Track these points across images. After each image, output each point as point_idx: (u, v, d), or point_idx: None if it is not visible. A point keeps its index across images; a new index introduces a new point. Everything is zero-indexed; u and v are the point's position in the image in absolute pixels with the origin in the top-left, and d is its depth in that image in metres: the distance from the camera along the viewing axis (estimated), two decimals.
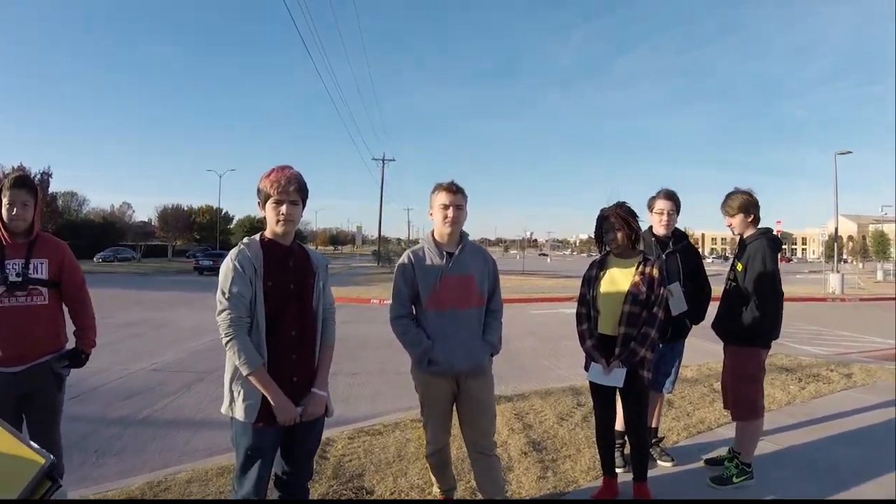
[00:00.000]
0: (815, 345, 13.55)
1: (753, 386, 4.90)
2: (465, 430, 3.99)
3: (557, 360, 11.37)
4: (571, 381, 8.56)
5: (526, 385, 8.66)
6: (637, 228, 4.39)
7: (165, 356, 11.28)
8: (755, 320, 4.71)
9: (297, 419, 3.13)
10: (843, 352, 12.79)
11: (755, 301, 4.70)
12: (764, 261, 4.74)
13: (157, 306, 20.86)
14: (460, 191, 3.94)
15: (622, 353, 4.18)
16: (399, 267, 3.98)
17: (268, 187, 3.17)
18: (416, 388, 4.03)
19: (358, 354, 11.50)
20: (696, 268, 5.32)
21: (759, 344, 4.89)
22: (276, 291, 3.16)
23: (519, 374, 9.89)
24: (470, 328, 3.87)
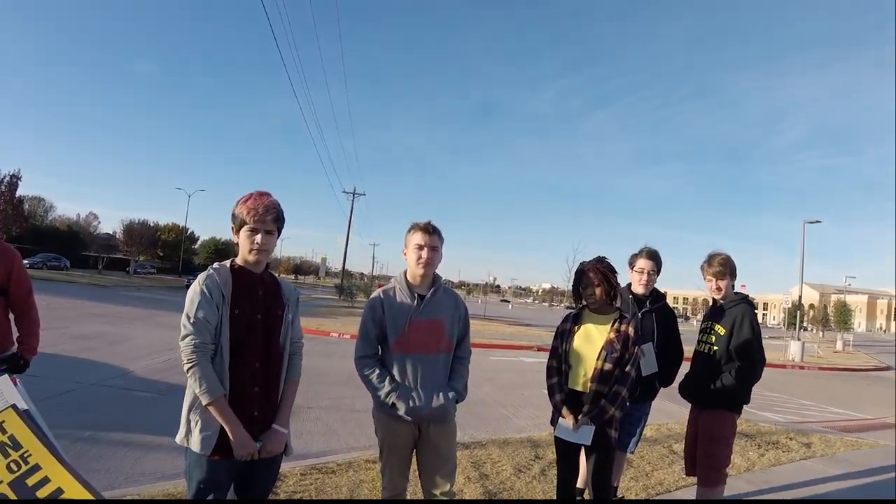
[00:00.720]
0: (775, 412, 13.56)
1: (727, 451, 4.88)
2: (423, 478, 3.87)
3: (516, 409, 11.25)
4: (530, 431, 8.48)
5: (483, 433, 8.56)
6: (616, 285, 4.34)
7: (118, 372, 10.96)
8: (740, 385, 4.70)
9: (254, 455, 2.99)
10: (803, 420, 12.84)
11: (742, 366, 4.69)
12: (752, 326, 4.76)
13: (115, 320, 20.42)
14: (436, 232, 3.87)
15: (592, 410, 4.09)
16: (369, 305, 3.88)
17: (244, 214, 3.06)
18: (377, 430, 3.90)
19: (314, 388, 11.23)
20: (671, 329, 5.27)
21: (737, 409, 4.88)
22: (242, 320, 3.04)
23: (476, 421, 9.75)
24: (436, 374, 3.78)
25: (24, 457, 2.66)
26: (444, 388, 3.79)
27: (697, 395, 4.96)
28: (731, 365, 4.74)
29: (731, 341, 4.76)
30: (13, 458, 2.64)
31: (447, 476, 3.81)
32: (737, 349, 4.72)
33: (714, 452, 4.82)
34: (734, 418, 4.91)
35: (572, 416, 4.12)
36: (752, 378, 4.77)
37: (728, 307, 4.91)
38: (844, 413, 14.85)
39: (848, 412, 15.02)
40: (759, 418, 11.64)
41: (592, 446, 4.12)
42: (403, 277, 3.91)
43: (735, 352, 4.72)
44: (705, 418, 4.90)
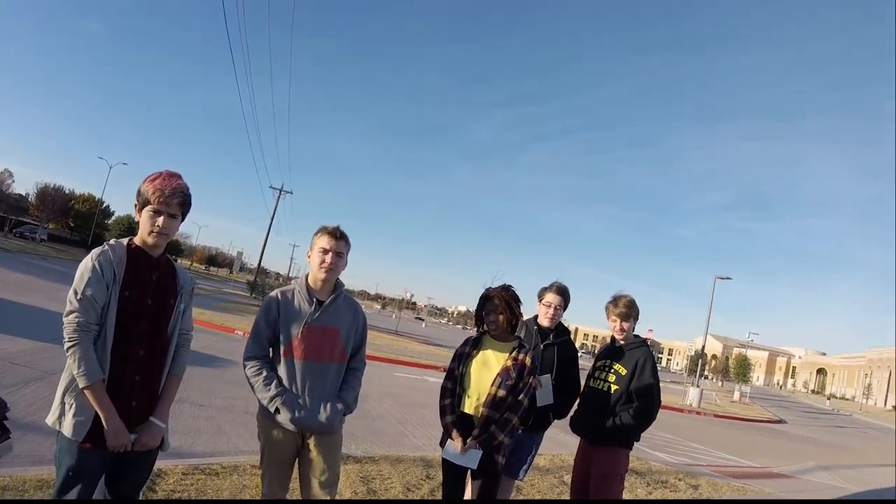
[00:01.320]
0: (667, 452, 13.86)
1: (619, 487, 4.94)
2: (303, 488, 3.76)
3: (414, 427, 11.18)
4: (424, 451, 8.45)
5: (378, 448, 8.48)
6: (518, 314, 4.34)
7: (6, 345, 10.39)
8: (637, 424, 4.77)
9: (128, 447, 2.86)
10: (693, 463, 13.13)
11: (641, 406, 4.76)
12: (654, 369, 4.86)
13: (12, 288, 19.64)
14: (344, 237, 3.79)
15: (481, 435, 4.06)
16: (264, 305, 3.77)
17: (149, 193, 2.94)
18: (259, 435, 3.78)
19: (209, 385, 10.95)
20: (571, 364, 5.30)
21: (630, 446, 4.94)
22: (132, 304, 2.91)
23: (372, 436, 9.64)
24: (326, 383, 3.68)
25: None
26: (333, 398, 3.70)
27: (592, 430, 4.98)
28: (628, 405, 4.80)
29: (631, 382, 4.82)
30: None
31: (328, 488, 3.70)
32: (638, 391, 4.79)
33: (607, 489, 4.86)
34: (627, 455, 4.99)
35: (461, 439, 4.09)
36: (650, 419, 4.84)
37: (628, 349, 4.98)
38: (734, 459, 15.31)
39: (737, 459, 15.49)
40: (651, 457, 11.90)
41: (479, 471, 4.10)
42: (304, 281, 3.82)
43: (636, 393, 4.79)
44: (599, 454, 4.92)
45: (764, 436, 25.07)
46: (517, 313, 4.32)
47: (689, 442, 17.16)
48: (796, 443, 24.38)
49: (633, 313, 5.01)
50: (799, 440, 25.90)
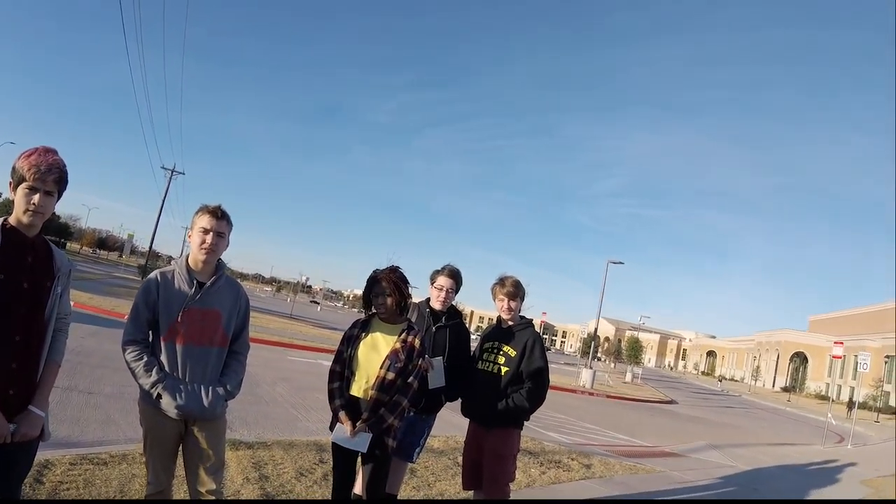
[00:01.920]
0: (560, 432, 14.19)
1: (512, 467, 5.07)
2: (188, 475, 3.72)
3: (307, 411, 11.12)
4: (318, 435, 8.42)
5: (270, 433, 8.44)
6: (407, 295, 4.38)
7: None
8: (529, 405, 4.88)
9: (7, 438, 2.75)
10: (586, 442, 13.47)
11: (532, 388, 4.87)
12: (543, 350, 4.99)
13: None
14: (225, 217, 3.75)
15: (370, 418, 4.10)
16: (143, 287, 3.68)
17: (24, 170, 2.81)
18: (141, 421, 3.71)
19: (98, 372, 10.47)
20: (464, 347, 5.38)
21: (520, 426, 5.08)
22: (6, 288, 2.78)
23: (264, 420, 9.59)
24: (208, 367, 3.65)
25: None
26: (215, 383, 3.66)
27: (483, 413, 5.06)
28: (518, 386, 4.90)
29: (521, 363, 4.92)
30: None
31: (213, 474, 3.67)
32: (528, 372, 4.90)
33: (501, 469, 4.98)
34: (519, 435, 5.12)
35: (350, 422, 4.11)
36: (541, 399, 4.97)
37: (517, 329, 5.09)
38: (626, 439, 15.84)
39: (629, 438, 16.06)
40: (544, 437, 12.16)
41: (369, 454, 4.15)
42: (185, 262, 3.75)
43: (526, 374, 4.91)
44: (492, 436, 5.02)
45: (656, 416, 25.97)
46: (406, 295, 4.36)
47: (582, 422, 17.65)
48: (687, 422, 25.34)
49: (519, 293, 5.12)
50: (689, 420, 26.93)
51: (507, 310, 5.14)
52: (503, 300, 5.13)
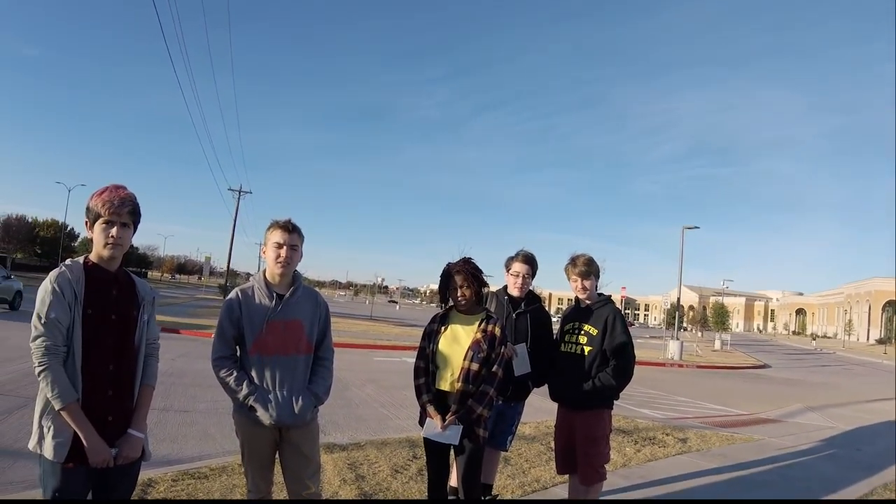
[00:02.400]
0: (652, 408, 13.97)
1: (606, 448, 5.00)
2: (287, 480, 3.82)
3: (397, 409, 11.23)
4: (409, 432, 8.47)
5: (363, 434, 8.56)
6: (484, 285, 4.37)
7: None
8: (618, 384, 4.81)
9: (110, 462, 2.88)
10: (679, 416, 13.23)
11: (618, 365, 4.79)
12: (624, 325, 4.89)
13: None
14: (296, 230, 3.82)
15: (459, 410, 4.10)
16: (226, 305, 3.79)
17: (99, 206, 2.94)
18: (237, 433, 3.82)
19: (191, 391, 10.91)
20: (546, 331, 5.34)
21: (610, 405, 5.00)
22: (95, 321, 2.91)
23: (356, 422, 9.71)
24: (296, 376, 3.71)
25: None
26: (304, 391, 3.73)
27: (571, 396, 5.00)
28: (604, 365, 4.83)
29: (604, 341, 4.86)
30: None
31: (311, 477, 3.77)
32: (611, 349, 4.82)
33: (594, 451, 4.91)
34: (610, 415, 5.04)
35: (440, 416, 4.13)
36: (628, 376, 4.87)
37: (595, 308, 5.01)
38: (720, 409, 15.45)
39: (723, 408, 15.65)
40: (636, 414, 12.00)
41: (461, 446, 4.15)
42: (262, 276, 3.84)
43: (610, 351, 4.82)
44: (583, 418, 4.96)
45: (749, 382, 25.34)
46: (482, 284, 4.35)
47: (674, 395, 17.33)
48: (781, 386, 24.59)
49: (592, 271, 5.03)
50: (784, 383, 26.12)
51: (581, 289, 5.07)
52: (577, 280, 5.06)
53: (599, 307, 5.00)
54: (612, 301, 5.06)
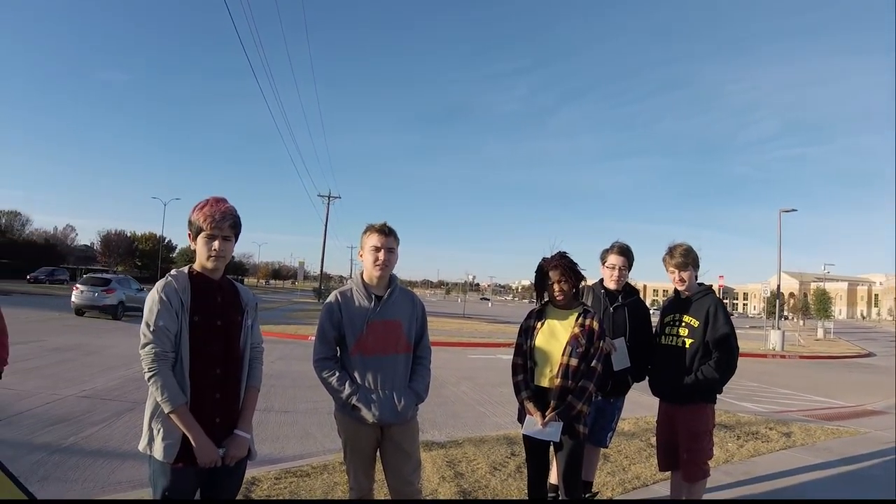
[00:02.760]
0: (754, 401, 13.60)
1: (710, 444, 4.86)
2: (388, 477, 3.86)
3: (493, 407, 11.24)
4: (507, 429, 8.48)
5: (460, 432, 8.59)
6: (581, 278, 4.30)
7: (95, 383, 10.92)
8: (721, 377, 4.65)
9: (218, 462, 2.97)
10: (782, 410, 12.85)
11: (720, 358, 4.63)
12: (727, 316, 4.73)
13: (92, 331, 20.28)
14: (392, 233, 3.85)
15: (558, 406, 4.05)
16: (325, 308, 3.86)
17: (201, 221, 3.05)
18: (340, 432, 3.88)
19: (291, 392, 11.29)
20: (644, 324, 5.24)
21: (713, 399, 4.85)
22: (202, 327, 3.02)
23: (453, 420, 9.77)
24: (395, 375, 3.75)
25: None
26: (404, 389, 3.76)
27: (673, 390, 4.86)
28: (706, 358, 4.69)
29: (705, 333, 4.72)
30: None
31: (412, 474, 3.80)
32: (714, 341, 4.66)
33: (698, 447, 4.77)
34: (713, 409, 4.89)
35: (539, 413, 4.08)
36: (731, 369, 4.69)
37: (695, 299, 4.86)
38: (825, 401, 14.90)
39: (828, 400, 15.10)
40: (738, 409, 11.68)
41: (561, 442, 4.10)
42: (360, 279, 3.89)
43: (712, 344, 4.67)
44: (685, 413, 4.82)
45: (854, 372, 24.45)
46: (579, 278, 4.28)
47: (776, 388, 16.82)
48: (888, 375, 23.55)
49: (690, 261, 4.87)
50: (890, 373, 24.97)
51: (679, 280, 4.92)
52: (674, 272, 4.92)
53: (700, 298, 4.85)
54: (713, 291, 4.91)
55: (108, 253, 79.71)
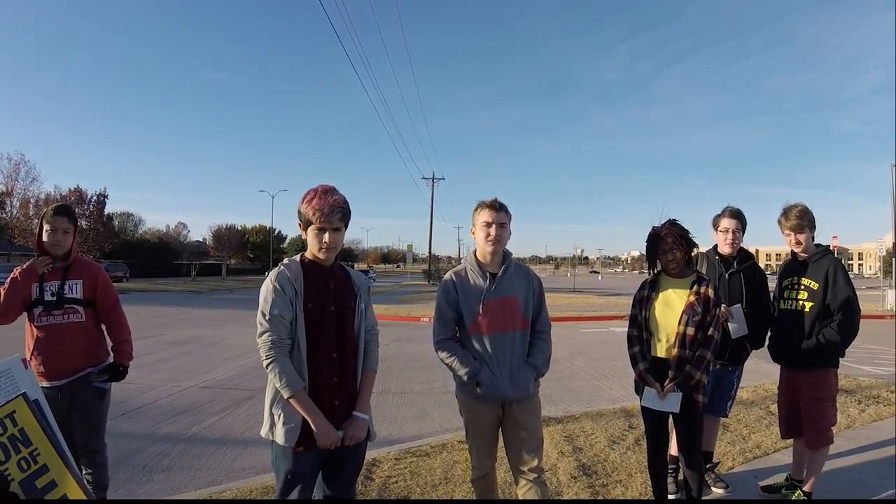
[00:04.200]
0: (875, 365, 13.06)
1: (833, 409, 4.74)
2: (510, 455, 3.86)
3: (609, 380, 11.18)
4: (623, 402, 8.45)
5: (576, 406, 8.58)
6: (693, 245, 4.24)
7: (215, 373, 11.37)
8: (842, 340, 4.52)
9: (337, 443, 3.06)
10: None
11: (843, 320, 4.50)
12: (847, 277, 4.59)
13: (209, 324, 21.10)
14: (503, 208, 3.84)
15: (677, 376, 4.03)
16: (441, 288, 3.90)
17: (310, 214, 3.10)
18: (461, 411, 3.94)
19: (406, 374, 11.46)
20: (760, 289, 5.12)
21: (836, 364, 4.73)
22: (316, 313, 3.11)
23: (569, 395, 9.76)
24: (514, 352, 3.76)
25: (33, 455, 2.63)
26: (523, 365, 3.78)
27: (794, 355, 4.75)
28: (827, 320, 4.57)
29: (826, 296, 4.61)
30: (23, 454, 2.61)
31: (534, 452, 3.78)
32: (835, 304, 4.54)
33: (821, 414, 4.66)
34: (836, 374, 4.76)
35: (658, 384, 4.08)
36: (853, 332, 4.55)
37: (813, 261, 4.72)
38: None
39: None
40: (858, 372, 11.25)
41: (680, 413, 4.07)
42: (473, 257, 3.91)
43: (833, 306, 4.55)
44: (807, 378, 4.71)
45: None
46: (692, 245, 4.22)
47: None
48: None
49: (805, 223, 4.71)
50: None
51: (795, 243, 4.78)
52: (790, 234, 4.78)
53: (817, 259, 4.71)
54: (831, 252, 4.75)
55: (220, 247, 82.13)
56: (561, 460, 5.76)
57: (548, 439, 6.22)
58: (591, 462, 5.74)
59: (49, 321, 4.07)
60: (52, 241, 4.12)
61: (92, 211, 49.68)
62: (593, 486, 5.13)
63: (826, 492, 4.92)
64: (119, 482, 5.32)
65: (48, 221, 4.12)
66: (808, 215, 4.74)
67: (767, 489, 5.10)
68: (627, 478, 5.34)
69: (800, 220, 4.72)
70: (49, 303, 4.08)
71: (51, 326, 4.07)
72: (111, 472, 4.42)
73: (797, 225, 4.72)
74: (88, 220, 48.57)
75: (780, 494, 4.92)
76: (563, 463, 5.69)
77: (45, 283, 4.11)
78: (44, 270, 4.11)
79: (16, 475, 2.53)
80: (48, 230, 4.11)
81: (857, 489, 5.17)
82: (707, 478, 5.08)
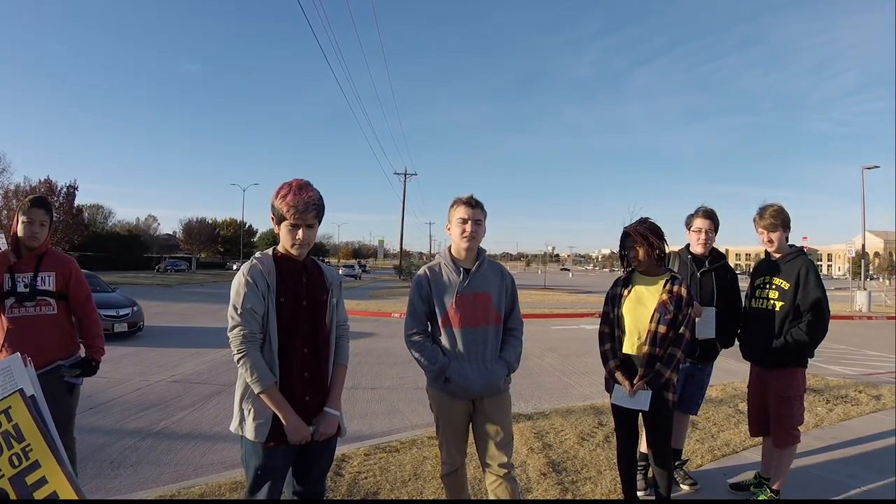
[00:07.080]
0: (843, 364, 13.26)
1: (800, 409, 4.77)
2: (480, 451, 3.87)
3: (579, 377, 11.26)
4: (593, 399, 8.50)
5: (546, 403, 8.63)
6: (660, 245, 4.22)
7: (184, 368, 11.28)
8: (811, 340, 4.57)
9: (308, 439, 3.04)
10: (871, 372, 12.49)
11: (812, 321, 4.54)
12: (818, 278, 4.62)
13: (179, 318, 20.97)
14: (479, 205, 3.85)
15: (647, 374, 4.03)
16: (415, 283, 3.89)
17: (284, 210, 3.06)
18: (431, 406, 3.93)
19: (377, 369, 11.47)
20: (732, 289, 5.16)
21: (804, 363, 4.77)
22: (288, 308, 3.07)
23: (539, 392, 9.81)
24: (486, 347, 3.77)
25: (25, 451, 2.57)
26: (495, 360, 3.78)
27: (764, 353, 4.79)
28: (797, 320, 4.62)
29: (796, 295, 4.65)
30: (16, 450, 2.57)
31: (504, 447, 3.78)
32: (805, 304, 4.58)
33: (788, 413, 4.70)
34: (804, 373, 4.80)
35: (628, 381, 4.08)
36: (822, 332, 4.60)
37: (785, 261, 4.76)
38: None
39: None
40: (826, 372, 11.43)
41: (651, 411, 4.07)
42: (448, 253, 3.92)
43: (803, 306, 4.59)
44: (776, 377, 4.75)
45: None
46: (657, 245, 4.20)
47: (864, 350, 16.39)
48: None
49: (779, 223, 4.75)
50: None
51: (768, 242, 4.82)
52: (763, 233, 4.81)
53: (790, 260, 4.74)
54: (805, 253, 4.80)
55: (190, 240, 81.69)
56: (531, 456, 5.76)
57: (518, 436, 6.23)
58: (560, 459, 5.75)
59: (21, 313, 4.02)
60: (29, 233, 4.06)
61: (62, 203, 49.09)
62: (563, 483, 5.14)
63: (794, 490, 4.97)
64: (87, 477, 5.25)
65: (25, 213, 4.06)
66: (782, 215, 4.77)
67: (736, 487, 5.14)
68: (597, 475, 5.35)
69: (774, 219, 4.75)
70: (21, 294, 4.03)
71: (23, 318, 4.02)
72: (79, 468, 4.37)
73: (770, 224, 4.75)
74: (58, 211, 48.00)
75: (749, 492, 4.96)
76: (532, 459, 5.69)
77: (18, 275, 4.05)
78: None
79: (7, 471, 2.50)
80: (25, 222, 4.05)
81: (824, 487, 5.22)
82: (676, 475, 5.11)
